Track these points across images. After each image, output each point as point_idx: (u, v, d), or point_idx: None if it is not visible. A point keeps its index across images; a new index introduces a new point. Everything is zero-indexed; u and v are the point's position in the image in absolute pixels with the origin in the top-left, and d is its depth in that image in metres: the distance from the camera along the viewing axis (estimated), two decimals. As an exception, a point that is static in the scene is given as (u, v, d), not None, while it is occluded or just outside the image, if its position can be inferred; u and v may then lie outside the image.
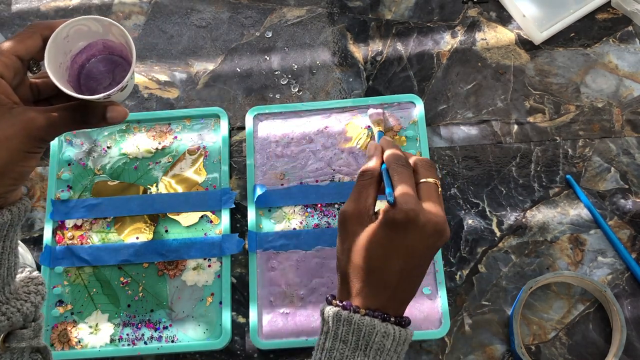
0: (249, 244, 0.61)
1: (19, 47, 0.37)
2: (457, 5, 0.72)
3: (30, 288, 0.41)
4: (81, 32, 0.39)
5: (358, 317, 0.41)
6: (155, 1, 0.74)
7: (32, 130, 0.36)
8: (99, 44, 0.41)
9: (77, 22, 0.38)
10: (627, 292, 0.59)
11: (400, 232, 0.42)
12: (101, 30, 0.39)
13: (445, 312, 0.57)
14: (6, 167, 0.35)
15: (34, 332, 0.39)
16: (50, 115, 0.36)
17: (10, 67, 0.37)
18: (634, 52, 0.68)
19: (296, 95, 0.69)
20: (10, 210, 0.37)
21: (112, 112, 0.38)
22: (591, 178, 0.63)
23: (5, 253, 0.38)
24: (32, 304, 0.40)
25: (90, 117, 0.38)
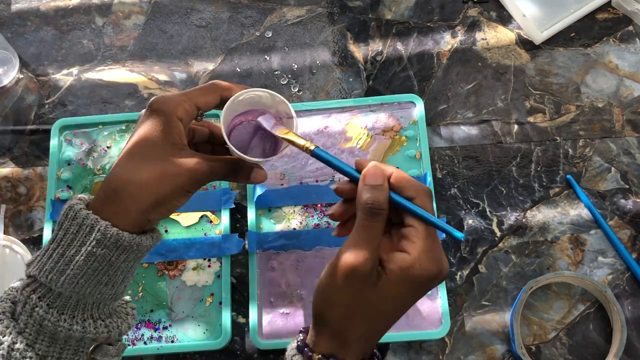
0: (248, 244, 0.61)
1: (201, 99, 0.41)
2: (457, 5, 0.72)
3: (127, 310, 0.43)
4: (252, 100, 0.42)
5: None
6: (155, 1, 0.74)
7: (197, 174, 0.39)
8: (256, 112, 0.43)
9: (254, 91, 0.41)
10: (628, 292, 0.59)
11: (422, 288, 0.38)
12: (269, 102, 0.42)
13: (445, 312, 0.57)
14: (166, 199, 0.39)
15: (117, 351, 0.41)
16: (213, 165, 0.40)
17: (190, 114, 0.40)
18: (634, 52, 0.68)
19: (296, 95, 0.69)
20: (152, 237, 0.40)
21: (257, 174, 0.42)
22: (591, 178, 0.63)
23: (130, 273, 0.40)
24: (128, 324, 0.42)
25: (240, 174, 0.42)
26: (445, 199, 0.63)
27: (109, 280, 0.39)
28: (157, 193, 0.38)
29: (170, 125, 0.39)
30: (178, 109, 0.39)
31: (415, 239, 0.37)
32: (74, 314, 0.38)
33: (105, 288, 0.39)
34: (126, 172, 0.38)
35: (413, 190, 0.38)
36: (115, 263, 0.38)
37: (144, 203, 0.38)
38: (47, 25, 0.74)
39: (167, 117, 0.39)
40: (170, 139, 0.39)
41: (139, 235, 0.39)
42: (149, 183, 0.38)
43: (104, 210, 0.38)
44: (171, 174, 0.39)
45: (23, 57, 0.72)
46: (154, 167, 0.38)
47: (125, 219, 0.38)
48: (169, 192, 0.39)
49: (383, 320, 0.39)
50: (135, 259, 0.40)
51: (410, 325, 0.57)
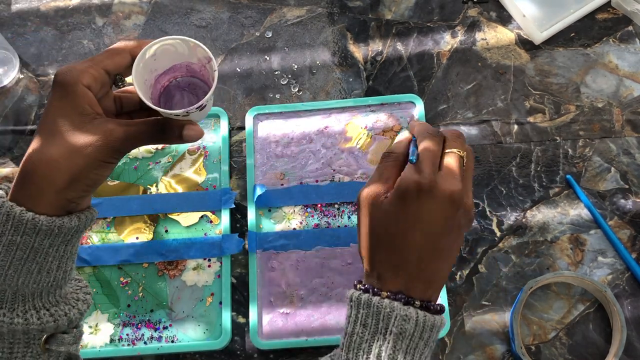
0: (249, 244, 0.61)
1: (108, 62, 0.39)
2: (457, 5, 0.72)
3: (79, 295, 0.42)
4: (168, 53, 0.41)
5: (377, 299, 0.40)
6: (155, 1, 0.74)
7: (110, 141, 0.37)
8: (182, 67, 0.42)
9: (165, 42, 0.40)
10: (627, 292, 0.59)
11: (413, 203, 0.41)
12: (187, 52, 0.41)
13: (445, 312, 0.57)
14: (81, 174, 0.37)
15: (74, 339, 0.40)
16: (128, 129, 0.38)
17: (98, 80, 0.39)
18: (634, 52, 0.68)
19: (296, 95, 0.69)
20: (78, 217, 0.38)
21: (189, 130, 0.40)
22: (591, 178, 0.63)
23: (65, 257, 0.39)
24: (78, 310, 0.41)
25: (168, 133, 0.40)
26: (445, 199, 0.63)
27: (40, 268, 0.37)
28: (69, 169, 0.36)
29: (76, 95, 0.37)
30: (83, 77, 0.38)
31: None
32: (13, 307, 0.37)
33: (39, 276, 0.37)
34: (35, 152, 0.37)
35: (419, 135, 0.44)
36: (40, 249, 0.37)
37: (57, 182, 0.36)
38: (47, 25, 0.74)
39: (72, 87, 0.37)
40: (78, 110, 0.37)
41: (60, 217, 0.37)
42: (59, 159, 0.36)
43: (20, 195, 0.37)
44: (81, 145, 0.37)
45: (23, 57, 0.72)
46: (62, 142, 0.37)
47: (41, 202, 0.37)
48: (83, 166, 0.37)
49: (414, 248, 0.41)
50: (65, 243, 0.38)
51: (410, 325, 0.58)
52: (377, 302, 0.39)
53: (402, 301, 0.40)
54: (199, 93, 0.43)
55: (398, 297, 0.40)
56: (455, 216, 0.42)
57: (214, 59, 0.40)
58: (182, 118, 0.40)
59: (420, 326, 0.39)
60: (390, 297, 0.40)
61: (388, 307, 0.39)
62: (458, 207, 0.41)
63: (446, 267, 0.42)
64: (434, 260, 0.41)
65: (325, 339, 0.58)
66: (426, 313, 0.40)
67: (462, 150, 0.44)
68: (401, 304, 0.39)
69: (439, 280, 0.42)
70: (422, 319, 0.39)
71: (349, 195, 0.62)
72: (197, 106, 0.39)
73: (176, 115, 0.39)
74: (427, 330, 0.39)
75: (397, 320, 0.39)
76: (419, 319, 0.39)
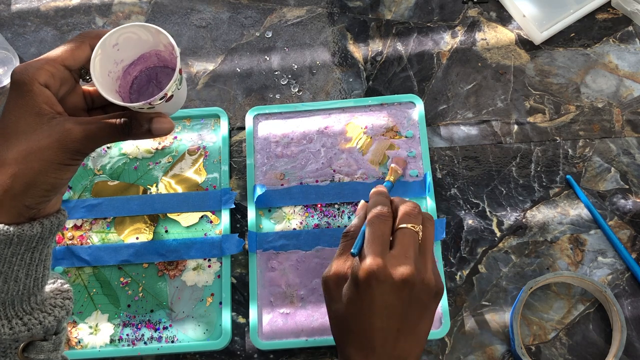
0: (249, 244, 0.61)
1: (66, 56, 0.37)
2: (457, 5, 0.72)
3: (57, 301, 0.40)
4: (131, 41, 0.39)
5: None
6: (155, 1, 0.74)
7: (67, 141, 0.35)
8: (152, 56, 0.40)
9: (124, 29, 0.38)
10: (627, 292, 0.59)
11: (367, 289, 0.40)
12: (151, 39, 0.39)
13: (445, 312, 0.57)
14: (37, 178, 0.35)
15: (54, 346, 0.39)
16: (88, 127, 0.36)
17: (57, 77, 0.36)
18: (634, 52, 0.68)
19: (296, 95, 0.69)
20: (41, 224, 0.36)
21: (158, 123, 0.37)
22: (591, 178, 0.63)
23: (33, 264, 0.37)
24: (55, 317, 0.39)
25: (136, 128, 0.37)
26: (445, 199, 0.63)
27: (6, 277, 0.36)
28: (24, 173, 0.34)
29: (32, 95, 0.35)
30: (39, 75, 0.35)
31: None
32: None
33: (6, 286, 0.36)
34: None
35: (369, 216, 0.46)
36: (2, 258, 0.35)
37: (13, 188, 0.34)
38: (47, 25, 0.74)
39: (28, 86, 0.35)
40: (35, 110, 0.35)
41: (20, 225, 0.35)
42: (12, 164, 0.34)
43: None
44: (37, 148, 0.34)
45: (23, 57, 0.72)
46: (17, 145, 0.34)
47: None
48: (39, 170, 0.34)
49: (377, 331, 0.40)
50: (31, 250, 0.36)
51: (410, 325, 0.58)
52: None
53: None
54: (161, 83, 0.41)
55: None
56: (410, 295, 0.41)
57: (175, 45, 0.38)
58: (149, 111, 0.37)
59: None
60: None
61: None
62: (412, 287, 0.41)
63: (417, 343, 0.42)
64: (400, 340, 0.41)
65: (325, 339, 0.58)
66: None
67: (416, 225, 0.44)
68: None
69: (412, 356, 0.42)
70: None
71: (349, 196, 0.62)
72: (159, 96, 0.36)
73: (140, 108, 0.37)
74: None
75: None
76: None
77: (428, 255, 0.44)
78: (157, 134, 0.38)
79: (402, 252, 0.42)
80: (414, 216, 0.44)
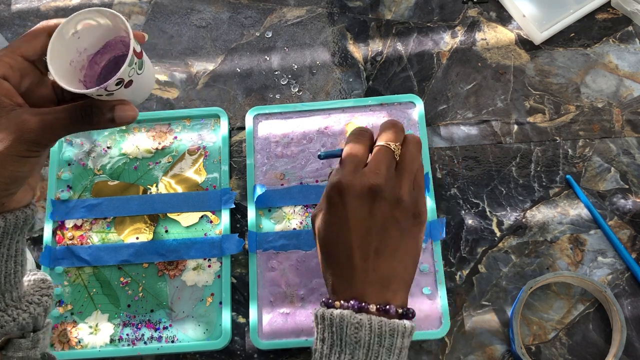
0: (249, 244, 0.61)
1: (25, 47, 0.36)
2: (457, 5, 0.72)
3: (34, 298, 0.39)
4: (92, 28, 0.38)
5: (330, 311, 0.38)
6: (155, 1, 0.74)
7: (24, 133, 0.34)
8: (117, 43, 0.39)
9: (80, 15, 0.37)
10: (627, 292, 0.59)
11: (338, 205, 0.40)
12: (111, 25, 0.38)
13: (445, 312, 0.57)
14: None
15: (32, 343, 0.38)
16: (45, 118, 0.35)
17: (15, 69, 0.36)
18: (634, 52, 0.68)
19: (296, 95, 0.69)
20: (4, 218, 0.36)
21: (119, 111, 0.36)
22: (591, 178, 0.63)
23: (2, 260, 0.36)
24: (30, 314, 0.38)
25: (97, 116, 0.36)
26: (445, 199, 0.63)
27: None
28: None
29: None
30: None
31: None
32: None
33: None
34: None
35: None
36: None
37: None
38: (47, 25, 0.74)
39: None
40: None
41: None
42: None
43: None
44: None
45: (23, 57, 0.72)
46: None
47: None
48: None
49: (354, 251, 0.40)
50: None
51: (410, 325, 0.58)
52: (329, 314, 0.38)
53: (355, 308, 0.38)
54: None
55: (350, 304, 0.38)
56: (381, 210, 0.40)
57: (129, 26, 0.37)
58: (110, 98, 0.36)
59: (376, 332, 0.37)
60: (342, 307, 0.38)
61: (338, 317, 0.37)
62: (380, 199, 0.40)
63: (400, 266, 0.40)
64: (380, 261, 0.40)
65: (325, 339, 0.58)
66: (382, 318, 0.37)
67: (392, 142, 0.43)
68: (352, 312, 0.37)
69: (397, 280, 0.40)
70: (376, 325, 0.37)
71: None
72: (114, 81, 0.35)
73: (99, 95, 0.35)
74: (386, 336, 0.37)
75: (350, 329, 0.37)
76: (372, 325, 0.37)
77: (405, 174, 0.42)
78: (120, 122, 0.36)
79: (372, 168, 0.41)
80: (392, 133, 0.43)
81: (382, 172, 0.41)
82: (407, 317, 0.39)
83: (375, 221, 0.40)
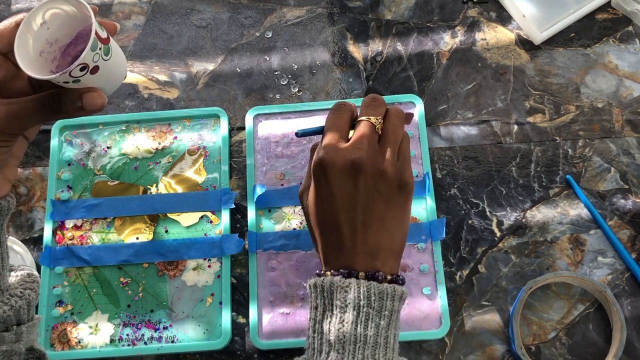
0: (249, 244, 0.61)
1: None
2: (457, 5, 0.72)
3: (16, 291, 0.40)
4: (60, 18, 0.37)
5: (321, 279, 0.40)
6: (155, 1, 0.74)
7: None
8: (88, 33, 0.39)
9: (46, 5, 0.37)
10: (627, 292, 0.59)
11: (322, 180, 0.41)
12: (80, 15, 0.38)
13: (445, 312, 0.57)
14: None
15: (16, 337, 0.38)
16: (11, 107, 0.35)
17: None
18: (634, 52, 0.68)
19: (296, 95, 0.69)
20: None
21: (87, 98, 0.36)
22: (591, 178, 0.63)
23: None
24: (11, 307, 0.38)
25: (66, 105, 0.36)
26: (445, 199, 0.63)
27: None
28: None
29: None
30: None
31: None
32: None
33: None
34: None
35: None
36: None
37: None
38: (47, 25, 0.74)
39: None
40: None
41: None
42: None
43: None
44: None
45: (23, 58, 0.72)
46: None
47: None
48: None
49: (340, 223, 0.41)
50: None
51: (410, 326, 0.58)
52: (320, 282, 0.40)
53: (344, 275, 0.39)
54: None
55: (340, 272, 0.40)
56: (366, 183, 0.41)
57: (91, 10, 0.36)
58: (78, 86, 0.36)
59: (364, 294, 0.38)
60: (333, 274, 0.40)
61: (328, 282, 0.39)
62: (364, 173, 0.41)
63: (388, 236, 0.41)
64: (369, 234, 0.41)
65: (325, 339, 0.58)
66: (371, 282, 0.39)
67: (373, 117, 0.43)
68: (342, 277, 0.39)
69: (385, 250, 0.41)
70: (364, 288, 0.38)
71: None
72: (77, 66, 0.34)
73: (65, 82, 0.35)
74: (376, 298, 0.38)
75: (339, 293, 0.38)
76: (360, 287, 0.38)
77: (388, 146, 0.43)
78: (89, 109, 0.36)
79: (354, 142, 0.42)
80: (372, 108, 0.44)
81: (364, 146, 0.42)
82: (397, 282, 0.41)
83: (360, 195, 0.41)
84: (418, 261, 0.60)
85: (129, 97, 0.70)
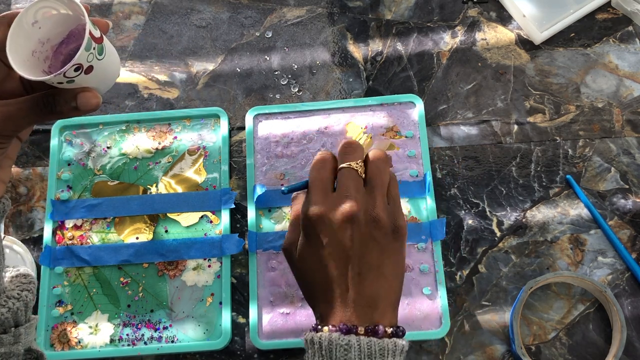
0: (249, 244, 0.61)
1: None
2: (457, 5, 0.72)
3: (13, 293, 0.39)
4: (52, 17, 0.37)
5: (318, 335, 0.38)
6: (155, 1, 0.74)
7: None
8: (81, 32, 0.38)
9: (38, 4, 0.36)
10: (627, 292, 0.59)
11: (313, 237, 0.40)
12: (72, 13, 0.38)
13: (445, 312, 0.57)
14: None
15: (15, 338, 0.38)
16: (4, 109, 0.35)
17: None
18: (634, 52, 0.68)
19: (296, 95, 0.69)
20: None
21: (81, 98, 0.35)
22: (591, 178, 0.63)
23: None
24: (9, 309, 0.38)
25: (60, 105, 0.35)
26: (445, 199, 0.63)
27: None
28: None
29: None
30: None
31: None
32: None
33: None
34: None
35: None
36: None
37: None
38: (47, 25, 0.74)
39: None
40: None
41: None
42: None
43: None
44: None
45: (23, 57, 0.72)
46: None
47: None
48: None
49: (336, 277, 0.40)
50: None
51: (410, 326, 0.58)
52: (318, 338, 0.38)
53: (343, 331, 0.38)
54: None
55: (339, 327, 0.38)
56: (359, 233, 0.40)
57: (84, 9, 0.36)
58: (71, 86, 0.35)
59: (366, 352, 0.37)
60: (331, 330, 0.38)
61: (327, 339, 0.37)
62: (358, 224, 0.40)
63: (385, 285, 0.40)
64: (365, 284, 0.40)
65: (325, 339, 0.58)
66: (372, 338, 0.37)
67: (353, 162, 0.43)
68: (341, 334, 0.38)
69: (384, 300, 0.40)
70: (365, 345, 0.37)
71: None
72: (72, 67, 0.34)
73: (59, 83, 0.35)
74: (376, 355, 0.37)
75: (339, 351, 0.37)
76: (361, 345, 0.37)
77: (376, 191, 0.42)
78: (84, 109, 0.36)
79: (341, 192, 0.41)
80: (350, 153, 0.43)
81: (352, 193, 0.41)
82: (398, 335, 0.39)
83: (355, 246, 0.40)
84: (418, 261, 0.60)
85: (129, 97, 0.70)
